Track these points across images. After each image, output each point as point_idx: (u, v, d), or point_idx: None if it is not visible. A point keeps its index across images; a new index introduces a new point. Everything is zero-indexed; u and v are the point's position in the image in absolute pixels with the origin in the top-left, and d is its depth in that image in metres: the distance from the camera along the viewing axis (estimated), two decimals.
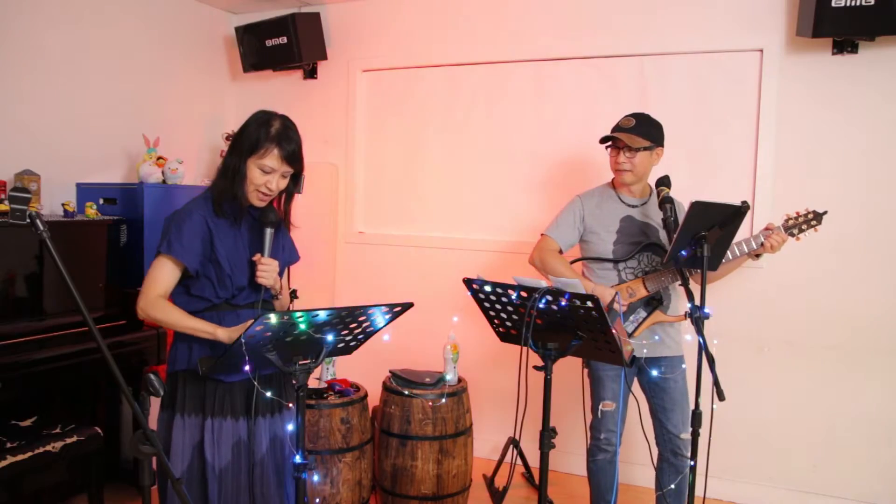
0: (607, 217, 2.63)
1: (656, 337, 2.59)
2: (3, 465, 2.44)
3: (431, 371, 3.23)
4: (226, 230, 2.00)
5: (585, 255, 2.68)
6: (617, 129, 2.59)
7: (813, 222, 2.50)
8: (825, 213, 2.52)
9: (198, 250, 1.96)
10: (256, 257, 2.00)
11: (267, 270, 1.99)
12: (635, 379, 2.65)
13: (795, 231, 2.50)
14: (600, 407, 2.58)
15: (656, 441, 2.64)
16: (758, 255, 2.53)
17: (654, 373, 2.56)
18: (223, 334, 1.88)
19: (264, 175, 1.96)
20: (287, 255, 2.21)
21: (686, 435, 2.57)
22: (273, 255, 2.03)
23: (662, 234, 2.62)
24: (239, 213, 2.01)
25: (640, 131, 2.55)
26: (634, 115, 2.60)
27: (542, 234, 2.70)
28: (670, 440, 2.59)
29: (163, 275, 1.96)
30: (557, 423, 2.08)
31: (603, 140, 2.63)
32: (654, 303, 2.57)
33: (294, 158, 1.99)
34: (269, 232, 2.00)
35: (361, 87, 4.15)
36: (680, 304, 2.72)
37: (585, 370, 2.64)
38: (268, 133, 1.95)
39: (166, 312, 1.93)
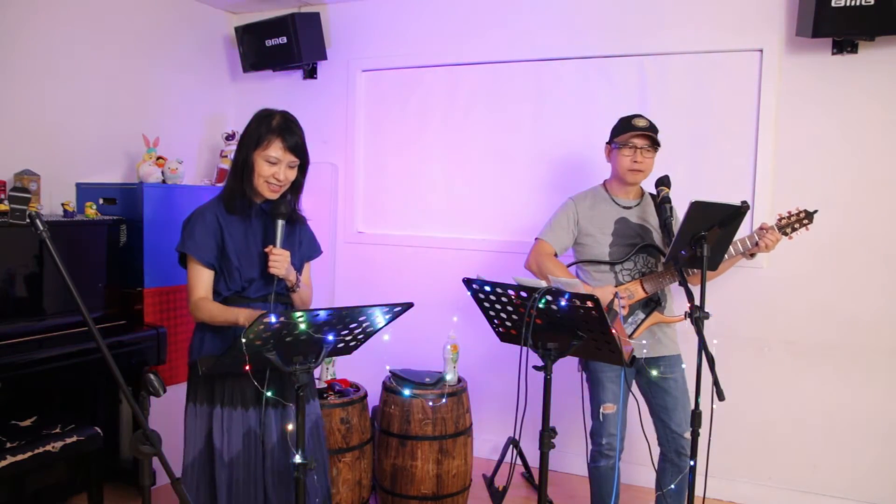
0: (602, 219, 2.62)
1: (655, 337, 2.59)
2: (3, 465, 2.44)
3: (431, 371, 3.23)
4: (236, 225, 2.09)
5: (581, 258, 2.66)
6: (641, 129, 2.54)
7: (805, 221, 2.52)
8: (816, 211, 2.53)
9: (211, 246, 2.06)
10: (269, 248, 2.05)
11: (278, 260, 2.04)
12: (634, 381, 2.64)
13: (788, 230, 2.51)
14: (601, 410, 2.56)
15: (659, 441, 2.63)
16: (752, 255, 2.54)
17: (654, 373, 2.56)
18: (243, 320, 1.95)
19: (272, 166, 2.04)
20: (306, 250, 2.26)
21: (689, 434, 2.56)
22: (286, 246, 2.09)
23: (657, 236, 2.62)
24: (250, 208, 2.10)
25: (654, 131, 2.56)
26: (641, 116, 2.60)
27: (536, 238, 2.68)
28: (674, 440, 2.58)
29: (196, 277, 2.07)
30: (557, 424, 2.08)
31: (637, 135, 2.53)
32: (653, 304, 2.57)
33: (298, 149, 2.07)
34: (280, 223, 2.07)
35: (361, 87, 4.15)
36: (675, 304, 2.72)
37: (583, 374, 2.64)
38: (269, 126, 2.04)
39: (205, 312, 2.05)
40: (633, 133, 2.54)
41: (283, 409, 2.10)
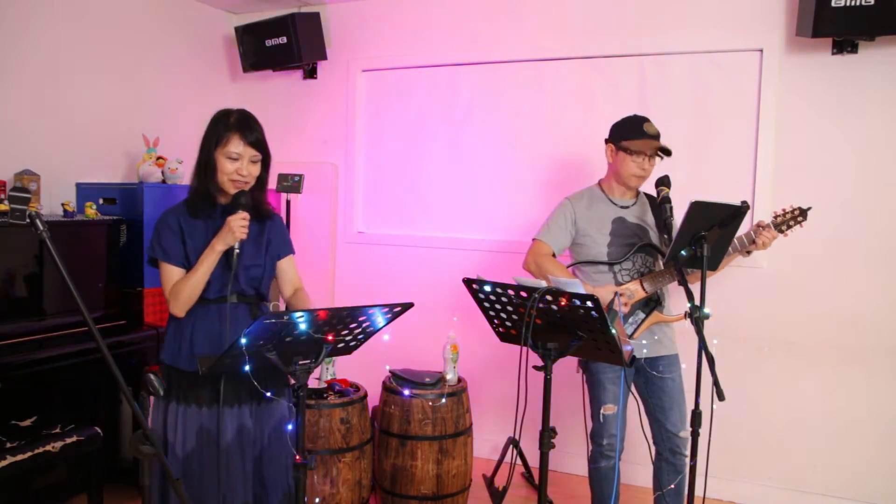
0: (599, 219, 2.62)
1: (655, 337, 2.59)
2: (3, 465, 2.44)
3: (431, 371, 3.23)
4: (198, 227, 2.11)
5: (579, 258, 2.65)
6: (654, 137, 2.54)
7: (799, 218, 2.51)
8: (809, 208, 2.53)
9: (179, 249, 2.09)
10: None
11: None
12: (632, 381, 2.64)
13: (784, 227, 2.51)
14: (602, 411, 2.55)
15: (654, 440, 2.63)
16: (748, 252, 2.54)
17: (654, 372, 2.56)
18: (220, 246, 2.02)
19: (234, 162, 2.07)
20: (276, 248, 2.22)
21: (685, 433, 2.56)
22: (252, 245, 2.13)
23: (654, 235, 2.62)
24: (213, 210, 2.11)
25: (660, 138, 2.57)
26: (649, 120, 2.57)
27: (533, 239, 2.67)
28: (669, 439, 2.58)
29: (169, 276, 2.09)
30: (557, 424, 2.08)
31: (650, 144, 2.53)
32: (653, 304, 2.57)
33: (259, 144, 2.10)
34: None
35: (361, 87, 4.15)
36: (674, 303, 2.72)
37: (583, 375, 2.63)
38: (227, 123, 2.09)
39: (184, 288, 2.04)
40: (646, 141, 2.53)
41: (238, 407, 2.10)
